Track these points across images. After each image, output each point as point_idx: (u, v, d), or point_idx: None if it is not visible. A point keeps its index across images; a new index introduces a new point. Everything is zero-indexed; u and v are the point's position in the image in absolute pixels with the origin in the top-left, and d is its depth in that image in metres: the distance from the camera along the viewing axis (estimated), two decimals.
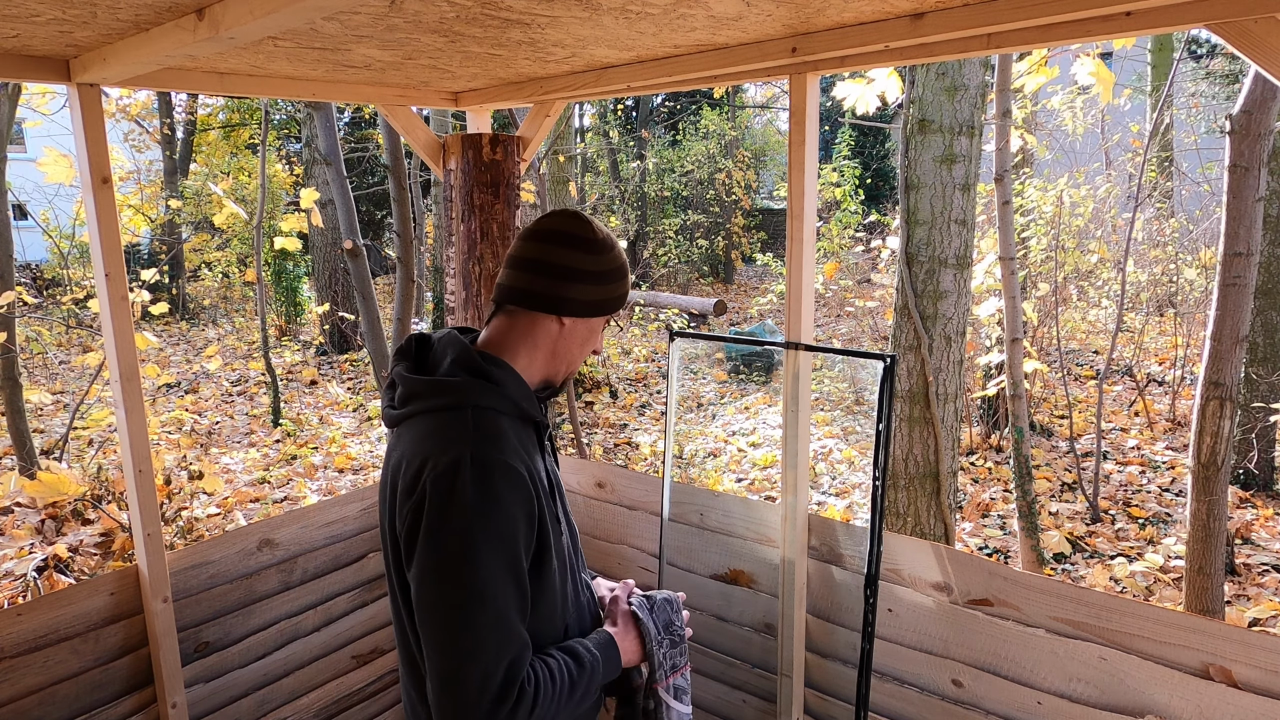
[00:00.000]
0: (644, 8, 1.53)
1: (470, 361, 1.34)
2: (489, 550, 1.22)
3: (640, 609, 1.54)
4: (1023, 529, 4.53)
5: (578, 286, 1.40)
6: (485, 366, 1.35)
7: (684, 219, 16.67)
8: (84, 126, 1.89)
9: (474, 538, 1.22)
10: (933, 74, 3.90)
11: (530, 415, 1.38)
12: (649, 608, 1.55)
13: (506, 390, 1.34)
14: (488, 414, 1.31)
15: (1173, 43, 11.37)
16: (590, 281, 1.41)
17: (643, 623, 1.52)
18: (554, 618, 1.40)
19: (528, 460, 1.31)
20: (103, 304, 1.98)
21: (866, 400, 8.13)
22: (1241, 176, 3.41)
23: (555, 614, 1.40)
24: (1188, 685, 1.66)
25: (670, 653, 1.54)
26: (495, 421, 1.31)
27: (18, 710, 1.92)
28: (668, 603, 1.57)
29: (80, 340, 11.55)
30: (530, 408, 1.38)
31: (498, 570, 1.23)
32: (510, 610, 1.24)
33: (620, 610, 1.54)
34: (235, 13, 1.22)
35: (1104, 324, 9.46)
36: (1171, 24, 1.48)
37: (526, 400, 1.37)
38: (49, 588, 4.10)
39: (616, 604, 1.56)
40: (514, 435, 1.32)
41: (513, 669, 1.23)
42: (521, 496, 1.26)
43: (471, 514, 1.22)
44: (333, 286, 11.39)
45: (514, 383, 1.36)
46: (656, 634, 1.53)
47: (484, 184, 2.46)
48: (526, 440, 1.36)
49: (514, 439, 1.31)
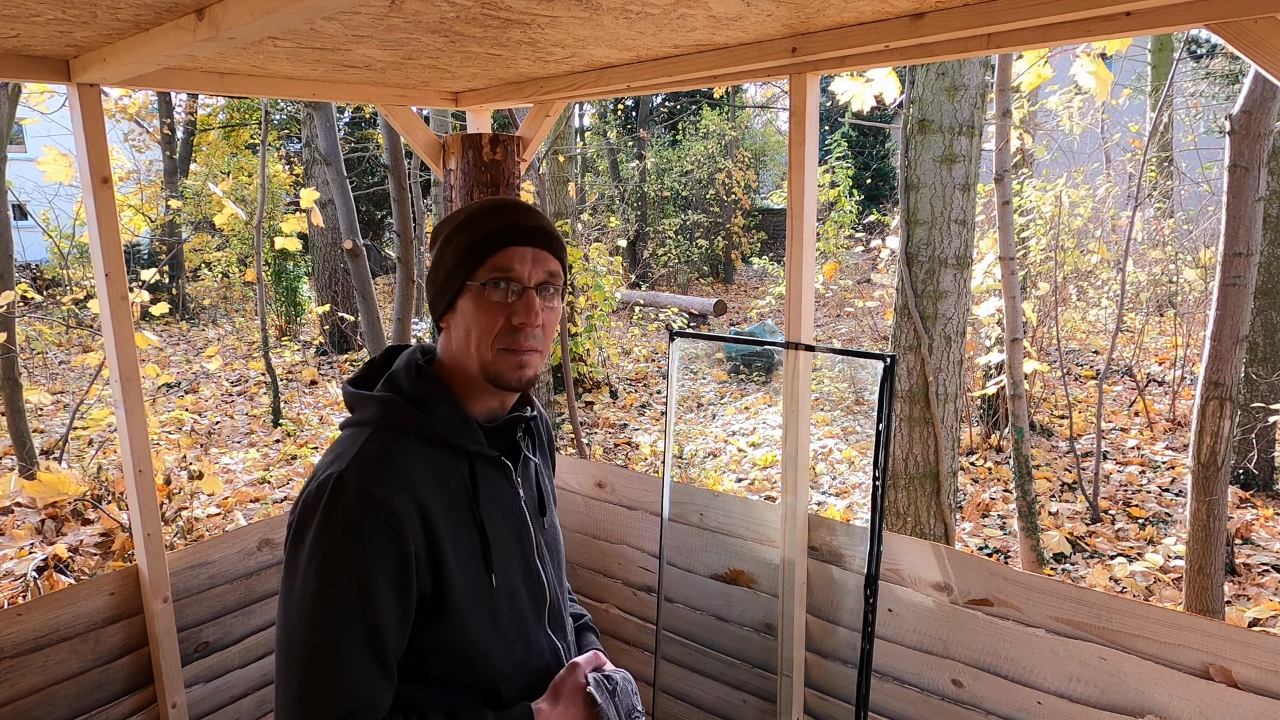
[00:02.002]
0: (644, 8, 1.53)
1: (401, 379, 1.21)
2: (331, 587, 1.07)
3: (598, 690, 1.27)
4: (1023, 529, 4.53)
5: (429, 287, 1.25)
6: (413, 386, 1.20)
7: (684, 219, 16.68)
8: (84, 126, 1.89)
9: (315, 571, 1.07)
10: (933, 74, 3.91)
11: (461, 447, 1.20)
12: (610, 690, 1.29)
13: (430, 417, 1.18)
14: (391, 436, 1.16)
15: (1172, 43, 11.36)
16: (432, 271, 1.25)
17: (601, 709, 1.26)
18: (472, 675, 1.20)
19: (431, 495, 1.14)
20: (103, 304, 1.97)
21: (866, 400, 8.13)
22: (1241, 176, 3.41)
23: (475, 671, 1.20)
24: (1188, 685, 1.66)
25: None
26: (394, 446, 1.15)
27: (18, 710, 1.92)
28: (629, 684, 1.33)
29: (80, 340, 11.55)
30: (461, 439, 1.20)
31: (341, 611, 1.07)
32: (353, 658, 1.07)
33: (570, 685, 1.27)
34: (235, 13, 1.22)
35: (1104, 324, 9.46)
36: (1171, 24, 1.48)
37: (457, 431, 1.20)
38: (49, 588, 4.10)
39: (572, 674, 1.29)
40: (423, 464, 1.16)
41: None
42: (386, 533, 1.08)
43: (319, 544, 1.08)
44: (333, 286, 11.40)
45: (443, 408, 1.20)
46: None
47: (484, 184, 2.46)
48: (448, 471, 1.19)
49: (415, 468, 1.14)
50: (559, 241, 1.26)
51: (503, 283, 1.19)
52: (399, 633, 1.13)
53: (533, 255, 1.20)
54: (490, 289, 1.18)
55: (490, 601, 1.20)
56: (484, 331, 1.19)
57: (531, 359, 1.21)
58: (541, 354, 1.23)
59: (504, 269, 1.18)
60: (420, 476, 1.15)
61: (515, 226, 1.20)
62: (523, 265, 1.19)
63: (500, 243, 1.18)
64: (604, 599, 2.77)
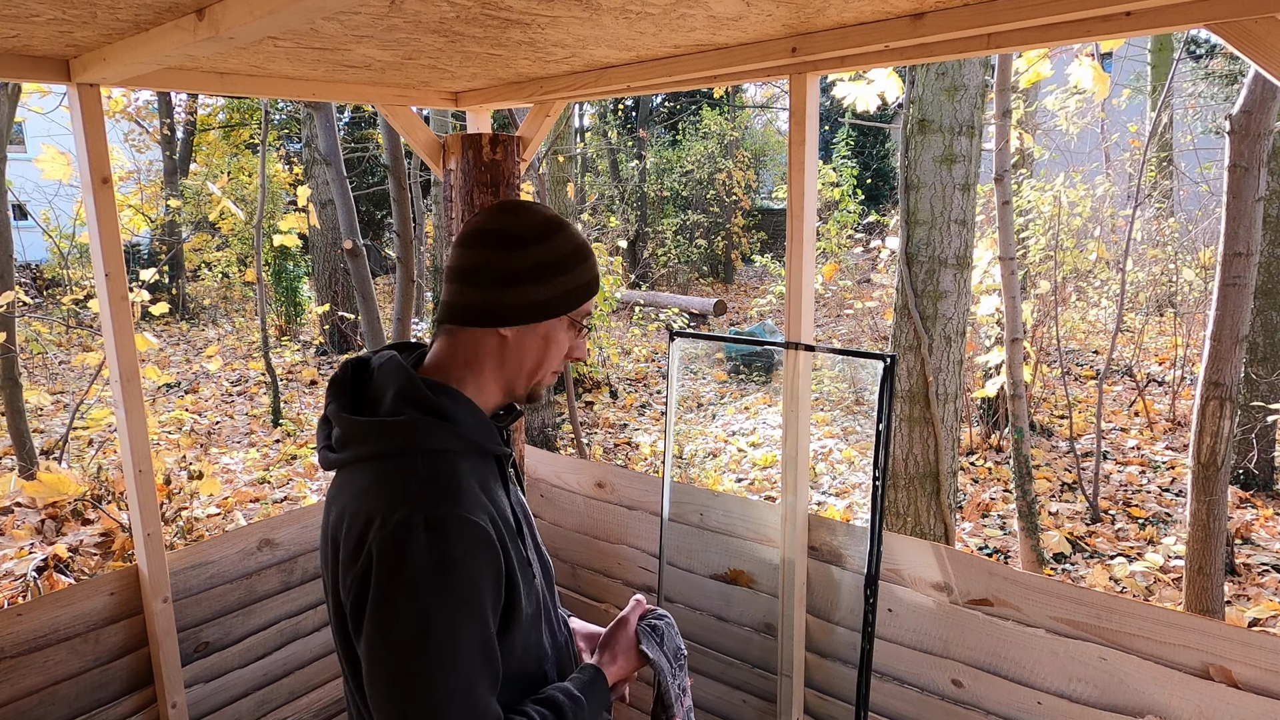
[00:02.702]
0: (644, 8, 1.53)
1: (416, 394, 1.16)
2: (449, 623, 1.06)
3: (648, 644, 1.39)
4: (1023, 529, 4.53)
5: (511, 291, 1.20)
6: (434, 400, 1.17)
7: (684, 219, 16.68)
8: (84, 126, 1.89)
9: (430, 610, 1.05)
10: (933, 74, 3.91)
11: (490, 451, 1.21)
12: (659, 641, 1.41)
13: (461, 427, 1.17)
14: (441, 459, 1.14)
15: (1172, 43, 11.36)
16: (526, 281, 1.20)
17: (654, 661, 1.38)
18: (527, 671, 1.25)
19: (491, 507, 1.15)
20: (103, 304, 1.98)
21: (866, 400, 8.13)
22: (1241, 176, 3.41)
23: (529, 667, 1.25)
24: (1188, 685, 1.66)
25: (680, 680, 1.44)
26: (450, 467, 1.14)
27: (18, 710, 1.92)
28: (670, 627, 1.45)
29: (80, 340, 11.55)
30: (489, 442, 1.20)
31: (461, 644, 1.07)
32: (478, 686, 1.08)
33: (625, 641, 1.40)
34: (235, 13, 1.22)
35: (1104, 324, 9.46)
36: (1171, 24, 1.48)
37: (484, 434, 1.20)
38: (49, 588, 4.10)
39: (624, 629, 1.41)
40: (473, 479, 1.16)
41: None
42: (487, 555, 1.09)
43: (427, 584, 1.05)
44: (333, 286, 11.40)
45: (469, 415, 1.19)
46: (670, 667, 1.39)
47: (484, 184, 2.46)
48: (488, 479, 1.20)
49: (473, 485, 1.14)
50: None
51: (585, 328, 1.31)
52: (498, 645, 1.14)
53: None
54: (575, 328, 1.29)
55: (535, 591, 1.25)
56: (554, 360, 1.28)
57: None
58: None
59: (589, 315, 1.31)
60: (484, 489, 1.17)
61: (598, 278, 1.32)
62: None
63: (595, 289, 1.30)
64: (604, 599, 2.77)
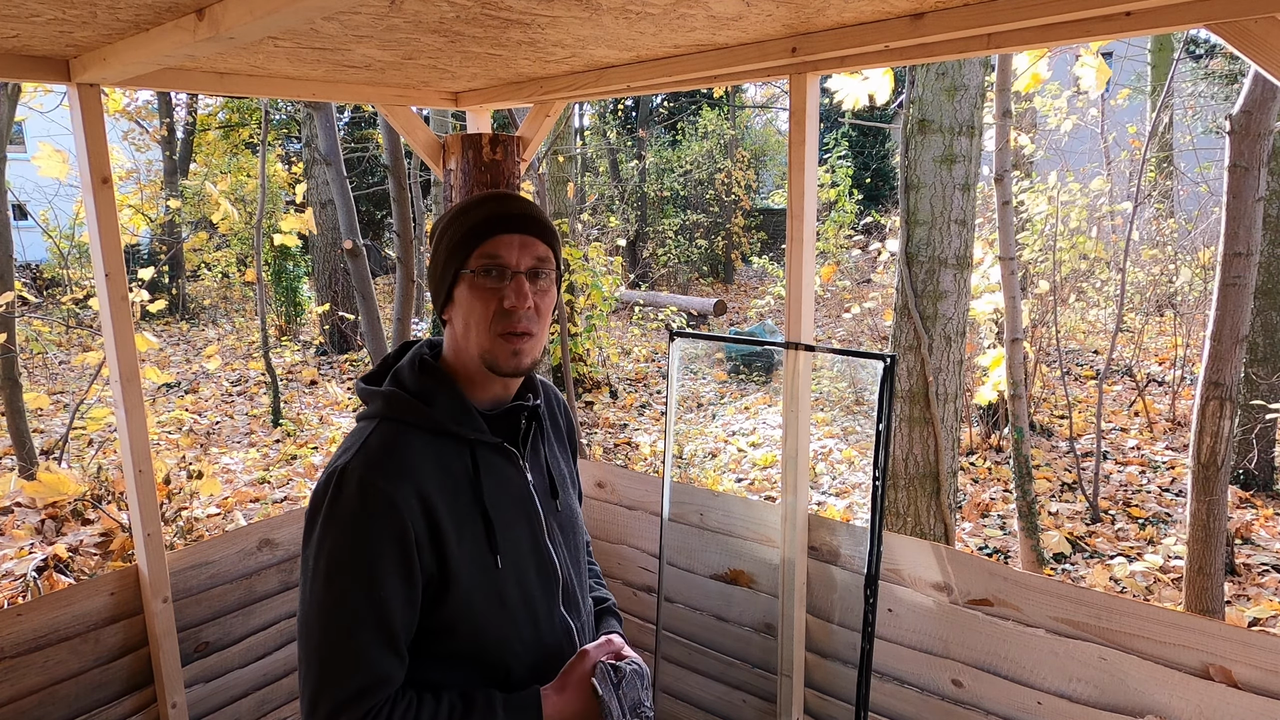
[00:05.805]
0: (644, 8, 1.53)
1: (406, 374, 1.28)
2: (339, 574, 1.15)
3: (601, 682, 1.25)
4: (1023, 529, 4.53)
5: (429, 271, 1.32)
6: (417, 380, 1.26)
7: (684, 219, 16.68)
8: (84, 126, 1.89)
9: (324, 561, 1.16)
10: (933, 74, 3.91)
11: (462, 436, 1.25)
12: (615, 683, 1.27)
13: (433, 409, 1.24)
14: (397, 430, 1.22)
15: (1172, 43, 11.36)
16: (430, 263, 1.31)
17: (604, 701, 1.24)
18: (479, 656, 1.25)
19: (421, 482, 1.19)
20: (103, 304, 1.97)
21: (866, 400, 8.13)
22: (1241, 176, 3.41)
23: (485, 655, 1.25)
24: (1188, 685, 1.66)
25: None
26: (398, 438, 1.21)
27: (18, 710, 1.92)
28: (638, 676, 1.30)
29: (80, 340, 11.55)
30: (461, 427, 1.24)
31: (350, 596, 1.15)
32: (364, 638, 1.15)
33: (577, 674, 1.28)
34: (235, 13, 1.22)
35: (1104, 324, 9.46)
36: (1171, 24, 1.48)
37: (458, 420, 1.25)
38: (49, 588, 4.10)
39: (581, 661, 1.29)
40: (427, 454, 1.21)
41: (361, 699, 1.14)
42: (386, 520, 1.15)
43: (326, 534, 1.16)
44: (333, 286, 11.40)
45: (446, 399, 1.25)
46: (620, 715, 1.25)
47: (484, 184, 2.46)
48: (450, 460, 1.24)
49: (413, 458, 1.20)
50: (549, 228, 1.30)
51: (493, 269, 1.23)
52: (406, 613, 1.19)
53: (520, 241, 1.25)
54: (481, 276, 1.23)
55: (496, 582, 1.25)
56: (479, 318, 1.23)
57: (526, 344, 1.25)
58: (536, 338, 1.27)
59: (493, 255, 1.24)
60: (421, 466, 1.20)
61: (503, 215, 1.25)
62: (510, 251, 1.24)
63: (489, 231, 1.24)
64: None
